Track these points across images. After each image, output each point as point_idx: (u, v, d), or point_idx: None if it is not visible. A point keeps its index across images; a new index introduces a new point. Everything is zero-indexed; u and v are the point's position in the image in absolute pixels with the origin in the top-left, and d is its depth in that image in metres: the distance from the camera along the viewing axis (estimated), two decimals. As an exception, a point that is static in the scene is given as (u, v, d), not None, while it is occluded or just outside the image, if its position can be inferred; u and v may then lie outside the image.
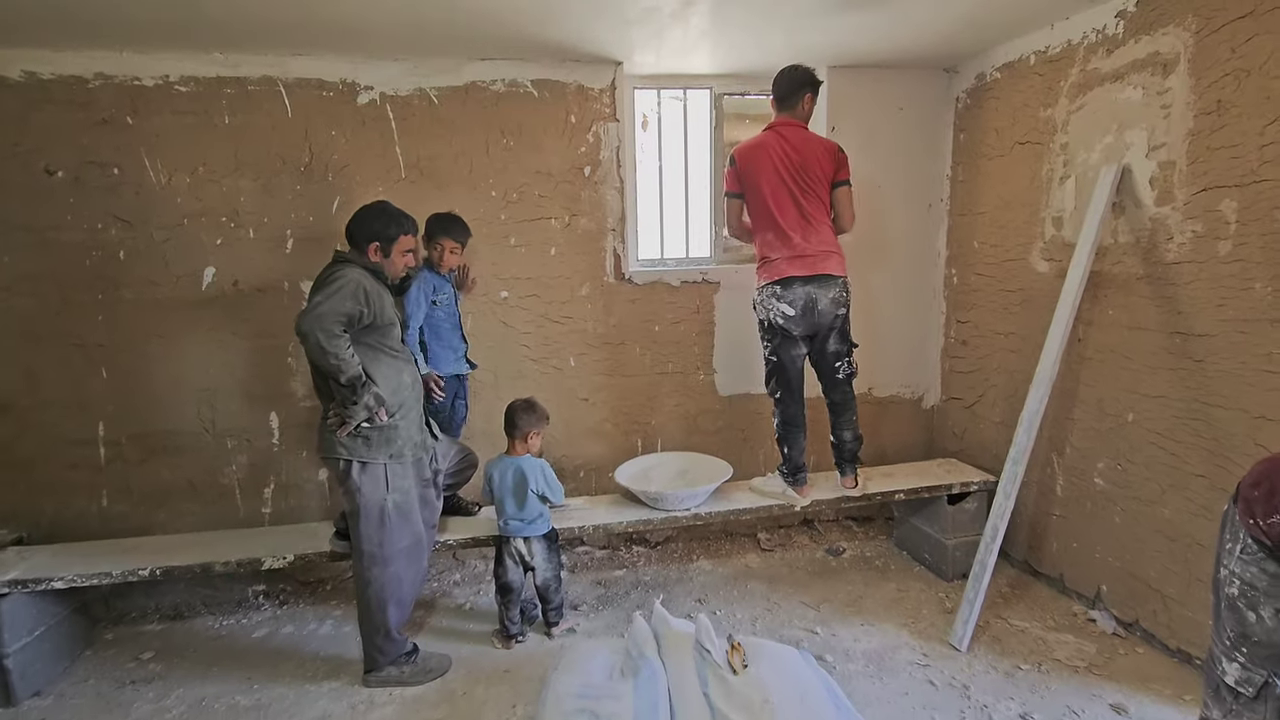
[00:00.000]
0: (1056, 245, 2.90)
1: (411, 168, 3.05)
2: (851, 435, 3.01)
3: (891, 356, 3.65)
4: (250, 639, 2.84)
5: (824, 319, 2.80)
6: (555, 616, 2.75)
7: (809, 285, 2.75)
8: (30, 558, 2.62)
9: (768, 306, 2.82)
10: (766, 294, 2.82)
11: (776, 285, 2.78)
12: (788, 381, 2.90)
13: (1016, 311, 3.14)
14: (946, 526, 3.12)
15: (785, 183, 2.75)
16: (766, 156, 2.76)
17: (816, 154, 2.77)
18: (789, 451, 2.97)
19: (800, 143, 2.77)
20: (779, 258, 2.78)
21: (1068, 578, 2.93)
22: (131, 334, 2.94)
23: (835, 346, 2.89)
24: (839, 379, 2.93)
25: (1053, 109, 2.88)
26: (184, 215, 2.90)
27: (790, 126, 2.78)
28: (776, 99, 2.83)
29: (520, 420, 2.65)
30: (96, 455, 2.98)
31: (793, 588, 3.11)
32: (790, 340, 2.84)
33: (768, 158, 2.75)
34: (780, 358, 2.87)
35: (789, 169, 2.75)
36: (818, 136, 2.83)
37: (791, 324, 2.78)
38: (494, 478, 2.66)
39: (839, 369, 2.91)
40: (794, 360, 2.88)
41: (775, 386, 2.92)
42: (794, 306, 2.76)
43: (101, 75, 2.77)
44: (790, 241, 2.77)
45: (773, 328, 2.83)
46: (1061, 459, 2.92)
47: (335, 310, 2.11)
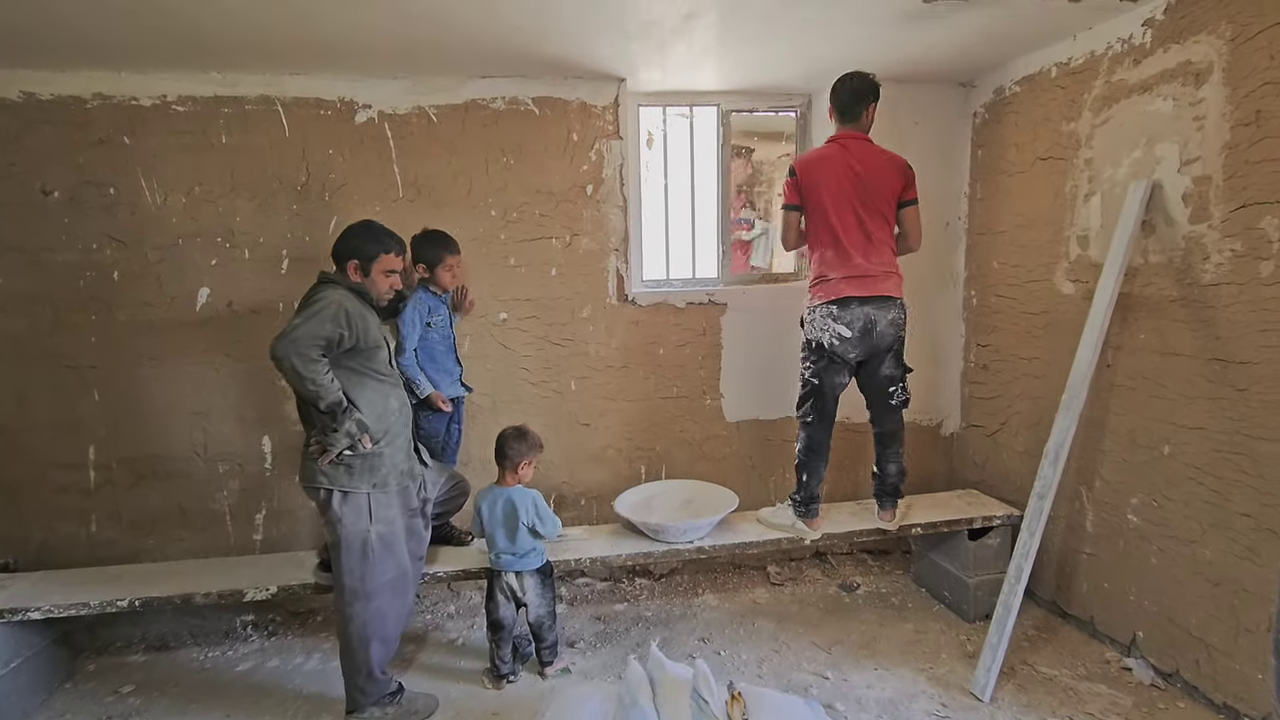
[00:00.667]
0: (1082, 265, 2.74)
1: (409, 187, 2.99)
2: (897, 468, 2.85)
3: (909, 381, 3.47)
4: (234, 672, 2.73)
5: (882, 341, 2.66)
6: (549, 655, 2.61)
7: (867, 306, 2.61)
8: (11, 585, 2.55)
9: (821, 327, 2.65)
10: (821, 314, 2.65)
11: (833, 305, 2.62)
12: (823, 407, 2.75)
13: (1040, 335, 2.97)
14: (968, 563, 2.93)
15: (849, 198, 2.60)
16: (830, 170, 2.61)
17: (885, 170, 2.63)
18: (807, 479, 2.81)
19: (866, 157, 2.62)
20: (837, 277, 2.62)
21: (1099, 621, 2.72)
22: (124, 356, 2.88)
23: (890, 370, 2.73)
24: (892, 405, 2.77)
25: (1076, 123, 2.74)
26: (179, 235, 2.86)
27: (855, 139, 2.65)
28: (837, 110, 2.67)
29: (510, 449, 2.54)
30: (86, 479, 2.92)
31: (803, 627, 2.93)
32: (837, 365, 2.68)
33: (831, 171, 2.60)
34: (821, 382, 2.71)
35: (854, 184, 2.60)
36: (885, 151, 2.68)
37: (847, 347, 2.63)
38: (483, 510, 2.54)
39: (892, 394, 2.76)
40: (835, 387, 2.73)
41: (809, 411, 2.76)
42: (851, 328, 2.61)
43: (100, 95, 2.75)
44: (850, 260, 2.61)
45: (821, 349, 2.67)
46: (1091, 493, 2.73)
47: (312, 334, 2.02)
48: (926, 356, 3.49)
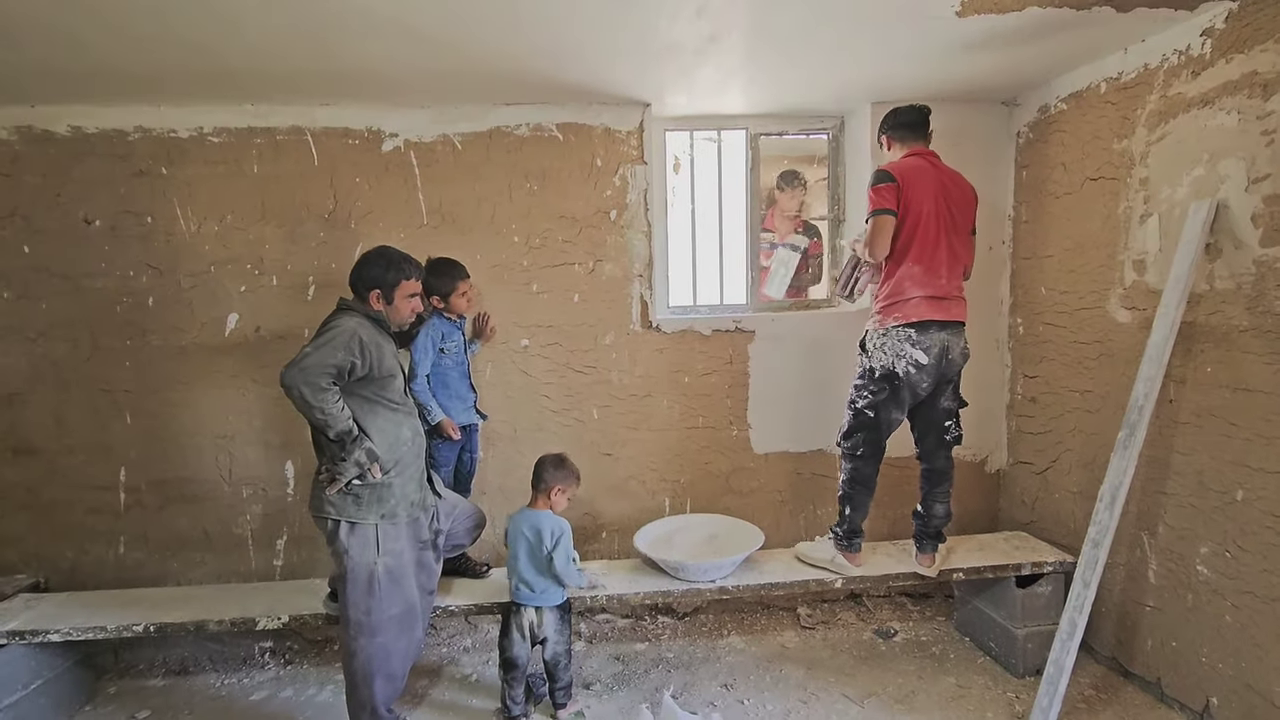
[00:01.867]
0: (1139, 292, 2.54)
1: (434, 213, 3.00)
2: (944, 510, 2.68)
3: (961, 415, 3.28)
4: (248, 701, 2.70)
5: (951, 370, 2.54)
6: (563, 697, 2.49)
7: (944, 331, 2.48)
8: (37, 606, 2.59)
9: (896, 352, 2.48)
10: (896, 338, 2.47)
11: (911, 329, 2.46)
12: (877, 440, 2.60)
13: (1093, 366, 2.76)
14: (1016, 612, 2.71)
15: (943, 215, 2.49)
16: (928, 182, 2.47)
17: (966, 192, 2.57)
18: (852, 514, 2.66)
19: (954, 177, 2.54)
20: (919, 296, 2.46)
21: (1167, 684, 2.46)
22: (156, 380, 2.94)
23: (948, 403, 2.60)
24: (946, 440, 2.62)
25: (1129, 140, 2.56)
26: (211, 262, 2.92)
27: (935, 156, 2.57)
28: (906, 128, 2.58)
29: (546, 474, 2.47)
30: (117, 501, 2.97)
31: (834, 675, 2.74)
32: (901, 397, 2.51)
33: (929, 183, 2.47)
34: (878, 415, 2.54)
35: (947, 203, 2.50)
36: (962, 175, 2.59)
37: (922, 376, 2.48)
38: (509, 530, 2.47)
39: (948, 429, 2.61)
40: (892, 422, 2.58)
41: (860, 443, 2.59)
42: (929, 354, 2.46)
43: (140, 128, 2.84)
44: (936, 280, 2.48)
45: (888, 378, 2.50)
46: (1154, 539, 2.49)
47: (322, 362, 2.00)
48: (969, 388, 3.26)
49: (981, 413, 3.31)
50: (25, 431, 2.91)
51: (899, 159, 2.57)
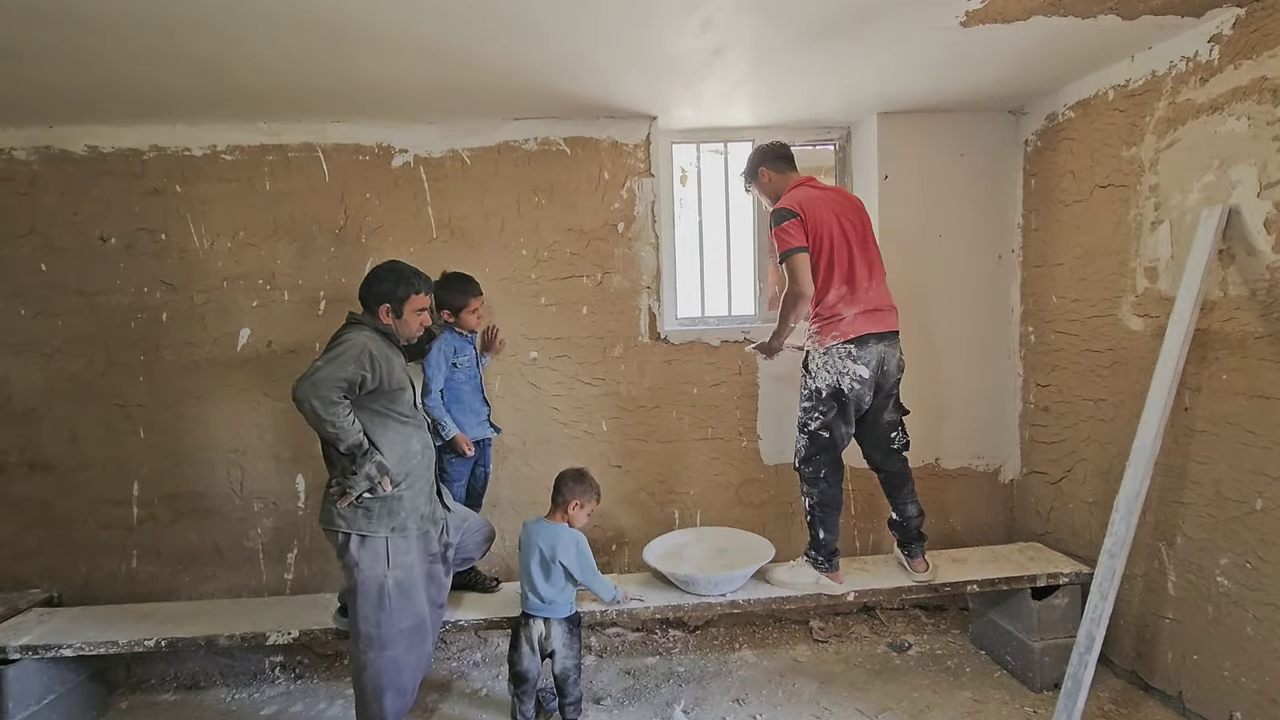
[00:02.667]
0: (1151, 299, 2.52)
1: (443, 228, 3.02)
2: (916, 510, 2.68)
3: (961, 423, 3.27)
4: (258, 716, 2.69)
5: (887, 381, 2.56)
6: (573, 712, 2.47)
7: (881, 344, 2.52)
8: (50, 620, 2.61)
9: (838, 370, 2.51)
10: (837, 355, 2.51)
11: (850, 345, 2.50)
12: (835, 460, 2.62)
13: (1106, 375, 2.74)
14: (1032, 625, 2.67)
15: (847, 234, 2.54)
16: (825, 206, 2.54)
17: (858, 206, 2.67)
18: (825, 536, 2.65)
19: (840, 195, 2.66)
20: (852, 313, 2.51)
21: (1189, 698, 2.41)
22: (169, 394, 2.97)
23: (890, 415, 2.62)
24: (894, 449, 2.63)
25: (1138, 147, 2.55)
26: (223, 278, 2.96)
27: (815, 180, 2.65)
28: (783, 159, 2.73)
29: (566, 488, 2.47)
30: (130, 515, 2.99)
31: (848, 690, 2.71)
32: (847, 411, 2.56)
33: (826, 208, 2.54)
34: (832, 433, 2.57)
35: (847, 221, 2.56)
36: (842, 189, 2.70)
37: (864, 390, 2.51)
38: (522, 539, 2.46)
39: (894, 439, 2.62)
40: (845, 436, 2.61)
41: (820, 465, 2.60)
42: (869, 368, 2.50)
43: (155, 147, 2.89)
44: (863, 295, 2.53)
45: (835, 396, 2.53)
46: (1172, 550, 2.45)
47: (333, 376, 2.01)
48: (981, 397, 3.27)
49: (994, 422, 3.29)
50: (41, 446, 2.94)
51: (790, 190, 2.64)
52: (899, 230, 3.16)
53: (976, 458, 3.29)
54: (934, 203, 3.18)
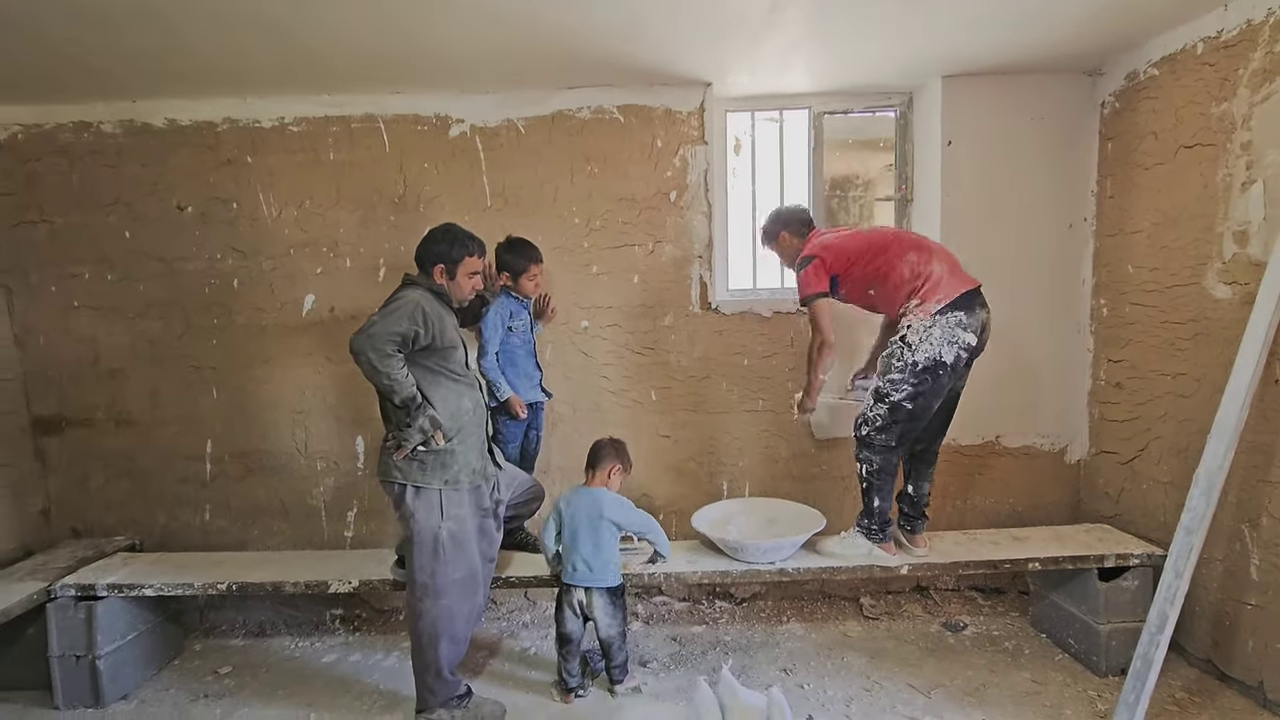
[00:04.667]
0: (1240, 265, 2.36)
1: (497, 196, 3.06)
2: (930, 488, 2.67)
3: (1025, 400, 3.13)
4: (320, 663, 2.82)
5: (981, 351, 2.48)
6: (619, 675, 2.49)
7: (984, 309, 2.45)
8: (133, 564, 2.78)
9: (949, 339, 2.34)
10: (945, 324, 2.34)
11: (958, 311, 2.36)
12: (912, 433, 2.50)
13: (1187, 347, 2.58)
14: (1098, 607, 2.55)
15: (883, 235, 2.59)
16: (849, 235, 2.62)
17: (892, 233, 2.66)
18: (880, 504, 2.58)
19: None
20: (942, 271, 2.41)
21: (1270, 687, 2.26)
22: (240, 357, 3.11)
23: (961, 383, 2.54)
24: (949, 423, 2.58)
25: (1229, 103, 2.38)
26: (290, 246, 3.07)
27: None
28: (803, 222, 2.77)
29: (607, 454, 2.52)
30: (203, 471, 3.16)
31: (899, 666, 2.65)
32: (941, 386, 2.41)
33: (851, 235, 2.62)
34: (917, 405, 2.41)
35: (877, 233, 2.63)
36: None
37: (970, 357, 2.43)
38: (562, 509, 2.47)
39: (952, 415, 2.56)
40: (931, 410, 2.47)
41: (893, 435, 2.46)
42: (978, 335, 2.40)
43: (229, 119, 3.02)
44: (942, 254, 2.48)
45: (936, 368, 2.36)
46: (1257, 532, 2.30)
47: (388, 330, 2.07)
48: (1046, 374, 3.13)
49: (1060, 400, 3.15)
50: (125, 404, 3.13)
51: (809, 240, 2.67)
52: (961, 199, 3.04)
53: (1041, 436, 3.16)
54: (1000, 170, 3.05)
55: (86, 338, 3.10)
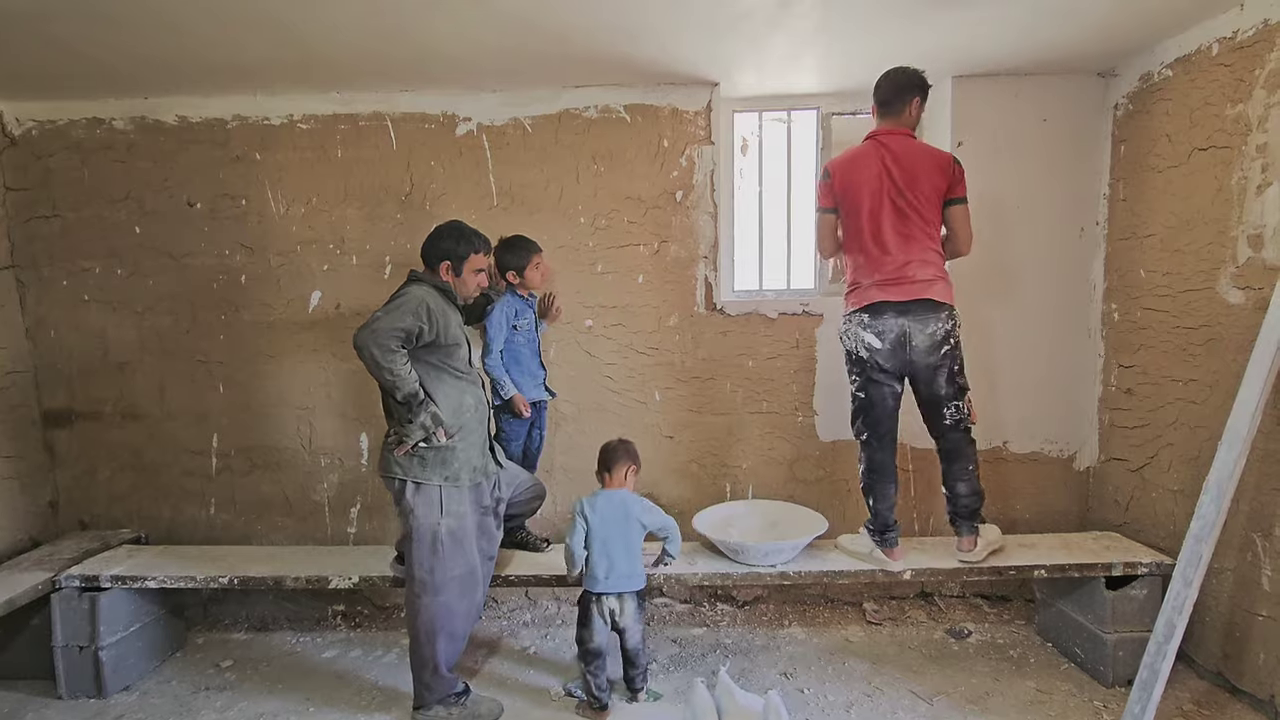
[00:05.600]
0: (1255, 270, 2.31)
1: (504, 195, 3.07)
2: (968, 489, 2.53)
3: (1032, 406, 3.10)
4: (320, 658, 2.83)
5: (919, 357, 2.42)
6: (640, 681, 2.44)
7: (904, 317, 2.40)
8: (137, 556, 2.80)
9: (853, 337, 2.50)
10: (853, 322, 2.51)
11: (864, 313, 2.46)
12: (875, 423, 2.52)
13: (1199, 353, 2.53)
14: (1105, 616, 2.51)
15: (887, 198, 2.42)
16: (866, 169, 2.44)
17: (925, 167, 2.41)
18: (874, 505, 2.56)
19: (906, 154, 2.42)
20: (869, 282, 2.46)
21: (1283, 703, 2.22)
22: (246, 353, 3.14)
23: (943, 390, 2.47)
24: (946, 425, 2.50)
25: (1244, 104, 2.34)
26: (297, 242, 3.09)
27: (894, 135, 2.45)
28: (878, 104, 2.51)
29: (623, 455, 2.46)
30: (209, 465, 3.18)
31: (901, 672, 2.62)
32: (873, 376, 2.48)
33: (868, 170, 2.43)
34: (869, 394, 2.51)
35: (892, 183, 2.41)
36: (928, 146, 2.48)
37: (878, 358, 2.45)
38: (588, 515, 2.35)
39: (947, 415, 2.49)
40: (884, 399, 2.50)
41: (861, 427, 2.56)
42: (882, 339, 2.43)
43: (238, 117, 3.04)
44: (883, 264, 2.43)
45: (860, 361, 2.50)
46: (1269, 542, 2.25)
47: (392, 326, 2.08)
48: (1055, 379, 3.09)
49: (1069, 406, 3.10)
50: (133, 398, 3.16)
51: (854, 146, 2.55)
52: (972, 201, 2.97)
53: (1049, 442, 3.12)
54: (1011, 172, 3.01)
55: (96, 331, 3.13)
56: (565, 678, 2.60)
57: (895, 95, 2.45)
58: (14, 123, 3.05)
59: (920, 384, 2.49)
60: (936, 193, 2.43)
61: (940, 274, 2.44)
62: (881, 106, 2.50)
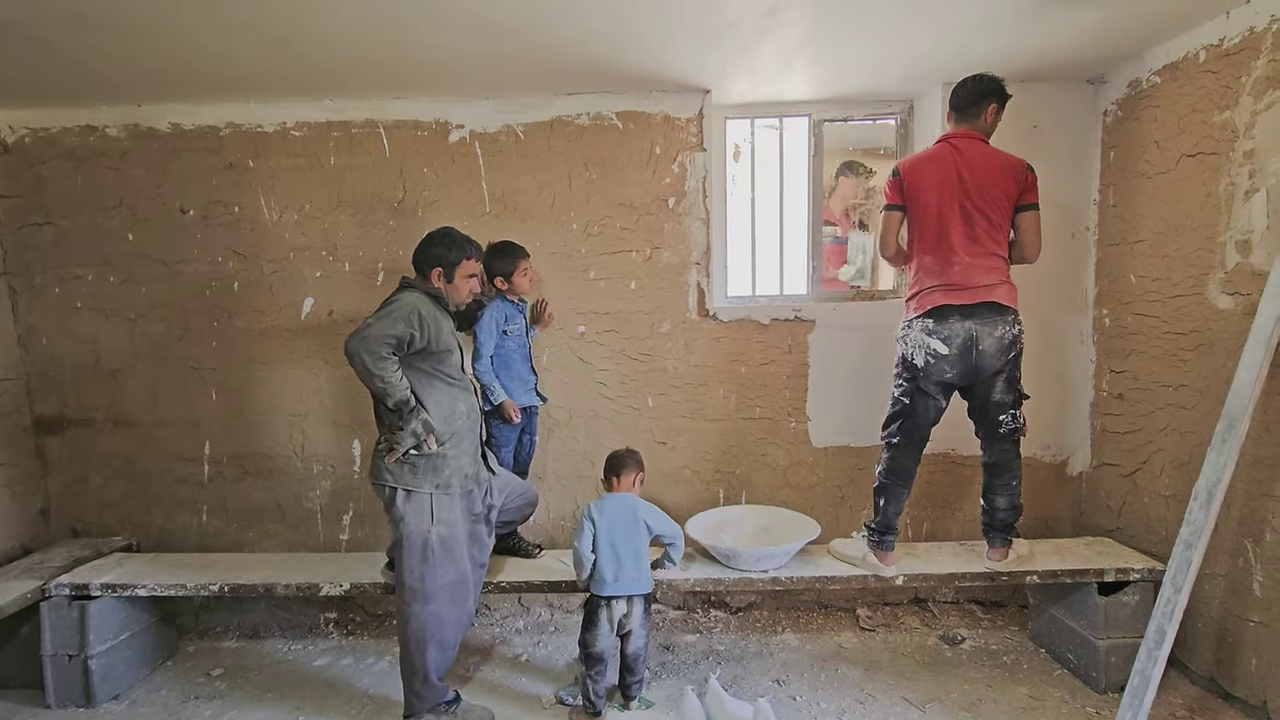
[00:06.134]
0: (1243, 275, 2.32)
1: (496, 201, 3.07)
2: (1008, 502, 2.54)
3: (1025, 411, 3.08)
4: (311, 666, 2.82)
5: (986, 363, 2.40)
6: (637, 689, 2.43)
7: (970, 321, 2.38)
8: (128, 564, 2.79)
9: (915, 343, 2.45)
10: (916, 328, 2.46)
11: (928, 319, 2.42)
12: (913, 430, 2.52)
13: (1189, 358, 2.54)
14: (1098, 622, 2.51)
15: (956, 201, 2.40)
16: (937, 170, 2.42)
17: (998, 172, 2.40)
18: (885, 506, 2.56)
19: (979, 158, 2.41)
20: (935, 285, 2.43)
21: (1274, 708, 2.21)
22: (239, 359, 3.13)
23: (1000, 396, 2.46)
24: (1000, 434, 2.49)
25: (1231, 111, 2.36)
26: (290, 249, 3.09)
27: (968, 139, 2.44)
28: (955, 109, 2.50)
29: (632, 461, 2.46)
30: (201, 472, 3.17)
31: (894, 678, 2.61)
32: (924, 385, 2.45)
33: (938, 172, 2.42)
34: (913, 403, 2.49)
35: (962, 187, 2.40)
36: (1001, 152, 2.46)
37: (943, 366, 2.41)
38: (596, 519, 2.33)
39: (1002, 423, 2.48)
40: (927, 410, 2.49)
41: (896, 431, 2.54)
42: (949, 344, 2.39)
43: (231, 124, 3.05)
44: (950, 269, 2.41)
45: (914, 368, 2.46)
46: (1260, 547, 2.26)
47: (383, 332, 2.08)
48: (1050, 385, 3.09)
49: (1063, 411, 3.11)
50: (125, 405, 3.15)
51: (928, 148, 2.54)
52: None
53: (1043, 448, 3.12)
54: (1001, 178, 3.02)
55: (89, 339, 3.12)
56: (558, 685, 2.59)
57: (972, 101, 2.45)
58: (7, 130, 3.06)
59: (979, 390, 2.47)
60: (1007, 198, 2.41)
61: (1005, 278, 2.43)
62: (957, 111, 2.50)
